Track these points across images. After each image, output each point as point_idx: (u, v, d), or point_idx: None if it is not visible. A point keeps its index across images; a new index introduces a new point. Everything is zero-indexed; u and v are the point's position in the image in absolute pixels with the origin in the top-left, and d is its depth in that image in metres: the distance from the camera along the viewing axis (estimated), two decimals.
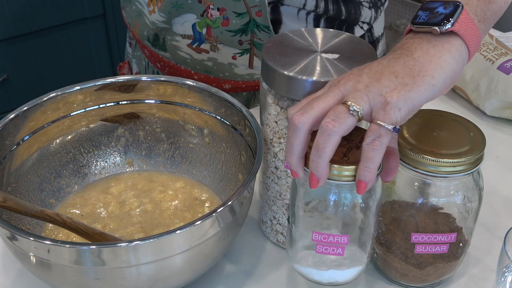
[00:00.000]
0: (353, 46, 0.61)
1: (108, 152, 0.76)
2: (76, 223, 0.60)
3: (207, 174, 0.74)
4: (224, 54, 0.87)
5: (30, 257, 0.55)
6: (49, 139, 0.71)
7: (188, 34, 0.87)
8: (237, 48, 0.86)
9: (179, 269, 0.57)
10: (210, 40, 0.86)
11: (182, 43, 0.88)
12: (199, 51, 0.88)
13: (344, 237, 0.55)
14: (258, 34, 0.84)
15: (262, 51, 0.60)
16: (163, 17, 0.87)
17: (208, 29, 0.85)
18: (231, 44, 0.86)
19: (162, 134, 0.76)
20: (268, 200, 0.67)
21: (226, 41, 0.85)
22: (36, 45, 1.83)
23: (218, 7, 0.82)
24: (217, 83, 0.91)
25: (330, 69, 0.57)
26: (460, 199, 0.59)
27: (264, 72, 0.60)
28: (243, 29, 0.84)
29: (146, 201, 0.71)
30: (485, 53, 0.93)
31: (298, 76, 0.56)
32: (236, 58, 0.87)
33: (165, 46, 0.90)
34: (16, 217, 0.64)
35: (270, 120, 0.62)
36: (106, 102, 0.73)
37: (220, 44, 0.86)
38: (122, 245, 0.52)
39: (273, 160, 0.64)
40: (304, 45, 0.61)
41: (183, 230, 0.53)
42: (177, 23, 0.86)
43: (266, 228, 0.70)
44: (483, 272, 0.67)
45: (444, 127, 0.60)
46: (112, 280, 0.54)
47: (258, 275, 0.66)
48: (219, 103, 0.71)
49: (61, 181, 0.72)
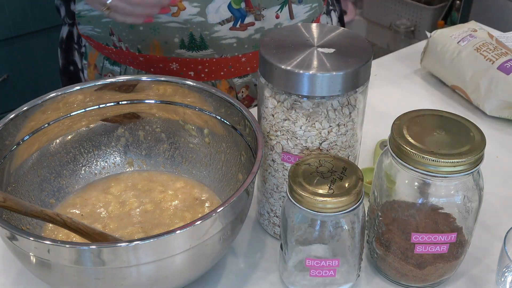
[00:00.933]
0: (348, 40, 0.62)
1: (108, 152, 0.76)
2: (76, 223, 0.60)
3: (207, 174, 0.74)
4: (269, 18, 0.87)
5: (30, 257, 0.55)
6: (49, 139, 0.71)
7: (226, 18, 0.85)
8: (276, 5, 0.86)
9: (179, 269, 0.57)
10: (252, 11, 0.85)
11: (224, 30, 0.87)
12: (244, 28, 0.87)
13: (335, 261, 0.59)
14: None
15: (259, 46, 0.61)
16: (197, 7, 0.84)
17: (247, 2, 0.84)
18: (271, 3, 0.86)
19: (162, 134, 0.76)
20: (266, 193, 0.68)
21: (267, 3, 0.85)
22: (36, 45, 1.83)
23: None
24: None
25: (327, 63, 0.58)
26: (460, 199, 0.59)
27: (262, 66, 0.60)
28: None
29: (146, 201, 0.71)
30: (485, 53, 0.93)
31: (295, 70, 0.57)
32: (279, 16, 0.87)
33: (205, 43, 0.88)
34: (16, 217, 0.64)
35: (267, 113, 0.62)
36: (106, 102, 0.73)
37: (263, 10, 0.86)
38: (122, 245, 0.52)
39: (270, 153, 0.64)
40: (300, 40, 0.61)
41: (183, 230, 0.53)
42: (211, 12, 0.85)
43: (264, 220, 0.70)
44: (483, 272, 0.67)
45: (444, 127, 0.60)
46: (112, 280, 0.54)
47: (260, 270, 0.66)
48: (219, 103, 0.71)
49: (61, 181, 0.72)
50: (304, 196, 0.55)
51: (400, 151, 0.57)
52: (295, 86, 0.58)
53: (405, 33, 2.68)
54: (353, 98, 0.60)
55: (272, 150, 0.64)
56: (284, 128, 0.61)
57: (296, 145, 0.62)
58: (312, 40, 0.61)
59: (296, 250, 0.60)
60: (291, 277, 0.63)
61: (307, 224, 0.58)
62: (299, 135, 0.61)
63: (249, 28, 0.87)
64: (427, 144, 0.57)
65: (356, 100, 0.61)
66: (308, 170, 0.58)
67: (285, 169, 0.64)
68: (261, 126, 0.64)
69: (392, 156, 0.58)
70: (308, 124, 0.60)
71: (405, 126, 0.59)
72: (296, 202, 0.56)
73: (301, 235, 0.59)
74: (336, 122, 0.60)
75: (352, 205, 0.56)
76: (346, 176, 0.57)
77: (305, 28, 0.64)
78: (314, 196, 0.55)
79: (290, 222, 0.59)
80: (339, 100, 0.59)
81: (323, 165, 0.58)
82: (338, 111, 0.60)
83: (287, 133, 0.61)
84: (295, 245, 0.60)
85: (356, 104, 0.61)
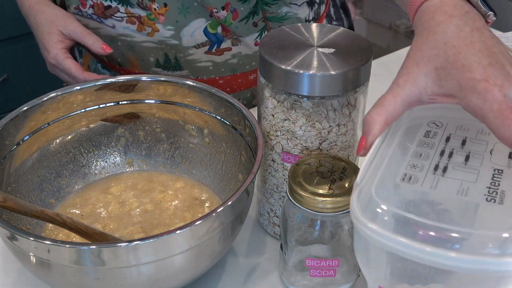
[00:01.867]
0: (348, 40, 0.62)
1: (108, 152, 0.76)
2: (76, 223, 0.60)
3: (207, 174, 0.74)
4: (247, 43, 0.85)
5: (30, 257, 0.55)
6: (49, 139, 0.71)
7: (201, 42, 0.84)
8: (255, 32, 0.85)
9: (179, 269, 0.57)
10: (230, 36, 0.84)
11: (199, 54, 0.85)
12: (220, 53, 0.85)
13: (335, 261, 0.59)
14: (269, 9, 0.83)
15: (259, 46, 0.61)
16: (171, 30, 0.83)
17: (224, 27, 0.83)
18: (248, 31, 0.84)
19: (162, 134, 0.76)
20: (266, 193, 0.68)
21: (244, 32, 0.84)
22: (36, 45, 1.81)
23: (221, 5, 0.81)
24: (243, 78, 0.89)
25: (327, 63, 0.58)
26: None
27: (262, 66, 0.60)
28: (253, 11, 0.82)
29: (146, 201, 0.71)
30: None
31: (295, 70, 0.57)
32: (258, 44, 0.85)
33: (180, 65, 0.87)
34: (16, 217, 0.64)
35: (267, 113, 0.62)
36: (106, 102, 0.73)
37: (240, 37, 0.84)
38: (122, 245, 0.52)
39: (270, 153, 0.64)
40: (300, 40, 0.61)
41: (183, 230, 0.53)
42: (186, 35, 0.83)
43: (264, 220, 0.70)
44: None
45: None
46: (112, 280, 0.54)
47: (260, 270, 0.66)
48: (219, 103, 0.71)
49: (61, 181, 0.72)
50: (304, 196, 0.55)
51: None
52: (295, 86, 0.58)
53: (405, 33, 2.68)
54: (353, 98, 0.60)
55: (272, 150, 0.64)
56: (284, 128, 0.61)
57: (296, 145, 0.62)
58: (312, 40, 0.61)
59: (296, 250, 0.60)
60: (291, 277, 0.63)
61: (307, 224, 0.58)
62: (299, 135, 0.61)
63: (226, 53, 0.85)
64: None
65: (356, 100, 0.61)
66: (308, 170, 0.58)
67: (285, 169, 0.64)
68: (261, 126, 0.64)
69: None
70: (308, 124, 0.60)
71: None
72: (296, 202, 0.56)
73: (301, 235, 0.59)
74: (336, 122, 0.60)
75: None
76: (346, 176, 0.57)
77: (305, 28, 0.64)
78: (314, 196, 0.55)
79: (290, 222, 0.59)
80: (339, 100, 0.59)
81: (323, 165, 0.58)
82: (338, 111, 0.60)
83: (287, 133, 0.61)
84: (295, 245, 0.60)
85: (356, 104, 0.61)
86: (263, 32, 0.86)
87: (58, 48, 0.85)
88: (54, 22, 0.85)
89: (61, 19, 0.85)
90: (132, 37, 0.85)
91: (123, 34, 0.86)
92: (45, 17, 0.86)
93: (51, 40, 0.85)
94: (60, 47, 0.85)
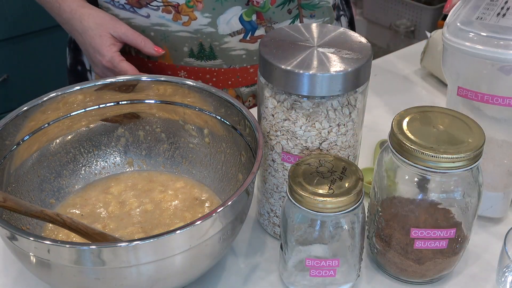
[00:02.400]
0: (348, 40, 0.62)
1: (108, 152, 0.76)
2: (76, 223, 0.60)
3: (207, 174, 0.74)
4: None
5: (30, 257, 0.55)
6: (49, 139, 0.71)
7: (237, 29, 0.85)
8: (288, 18, 0.86)
9: (179, 269, 0.57)
10: (263, 24, 0.84)
11: (233, 42, 0.86)
12: (254, 40, 0.86)
13: (335, 261, 0.59)
14: None
15: (259, 46, 0.61)
16: (208, 18, 0.84)
17: (259, 14, 0.84)
18: (283, 17, 0.85)
19: (162, 134, 0.76)
20: (266, 193, 0.68)
21: (279, 18, 0.85)
22: (36, 45, 1.83)
23: None
24: None
25: (327, 63, 0.58)
26: (459, 195, 0.59)
27: (262, 66, 0.61)
28: None
29: (146, 201, 0.71)
30: None
31: (295, 70, 0.57)
32: None
33: (214, 53, 0.87)
34: (16, 217, 0.64)
35: (267, 113, 0.62)
36: (106, 102, 0.73)
37: (274, 24, 0.85)
38: (122, 245, 0.52)
39: (270, 153, 0.64)
40: (300, 40, 0.62)
41: (183, 230, 0.53)
42: (222, 23, 0.84)
43: (264, 220, 0.70)
44: (482, 270, 0.67)
45: (444, 123, 0.60)
46: (112, 280, 0.54)
47: (260, 270, 0.66)
48: (219, 103, 0.71)
49: (61, 181, 0.72)
50: (304, 196, 0.55)
51: (400, 147, 0.57)
52: (295, 86, 0.58)
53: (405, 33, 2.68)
54: (353, 98, 0.60)
55: (272, 150, 0.64)
56: (284, 128, 0.61)
57: (296, 145, 0.62)
58: (312, 40, 0.61)
59: (296, 250, 0.60)
60: (291, 277, 0.63)
61: (307, 224, 0.58)
62: (299, 135, 0.61)
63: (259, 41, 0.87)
64: (427, 140, 0.57)
65: (356, 100, 0.61)
66: (308, 170, 0.58)
67: (285, 169, 0.64)
68: (261, 126, 0.64)
69: (392, 152, 0.59)
70: (308, 124, 0.60)
71: (405, 122, 0.59)
72: (296, 202, 0.56)
73: (301, 235, 0.59)
74: (336, 122, 0.60)
75: (352, 205, 0.56)
76: (346, 176, 0.57)
77: (305, 28, 0.64)
78: (314, 196, 0.55)
79: (290, 222, 0.59)
80: (339, 100, 0.59)
81: (323, 165, 0.59)
82: (338, 111, 0.60)
83: (287, 133, 0.61)
84: (295, 245, 0.60)
85: (356, 104, 0.61)
86: (295, 20, 0.87)
87: (113, 51, 0.84)
88: (104, 25, 0.85)
89: (110, 22, 0.85)
90: (167, 26, 0.86)
91: (157, 24, 0.86)
92: (93, 20, 0.85)
93: (104, 44, 0.84)
94: (114, 50, 0.85)
